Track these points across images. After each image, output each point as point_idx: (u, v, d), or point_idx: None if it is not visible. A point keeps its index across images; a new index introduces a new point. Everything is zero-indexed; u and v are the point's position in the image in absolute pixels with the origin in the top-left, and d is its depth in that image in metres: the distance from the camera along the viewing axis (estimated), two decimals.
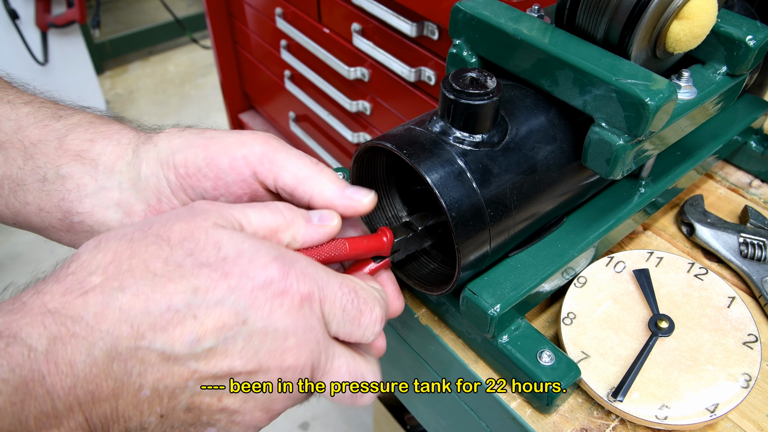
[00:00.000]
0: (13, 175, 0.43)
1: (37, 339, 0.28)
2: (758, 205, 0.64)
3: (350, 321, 0.37)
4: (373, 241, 0.42)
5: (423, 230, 0.45)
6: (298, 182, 0.41)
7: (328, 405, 1.79)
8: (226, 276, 0.32)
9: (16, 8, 2.07)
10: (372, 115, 1.24)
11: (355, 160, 0.46)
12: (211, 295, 0.32)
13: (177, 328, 0.31)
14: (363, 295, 0.38)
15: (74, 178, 0.42)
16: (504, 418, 0.47)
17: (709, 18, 0.45)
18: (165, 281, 0.31)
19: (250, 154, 0.41)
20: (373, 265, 0.43)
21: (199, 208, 0.36)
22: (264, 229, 0.37)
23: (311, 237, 0.39)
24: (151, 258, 0.32)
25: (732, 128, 0.62)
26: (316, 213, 0.40)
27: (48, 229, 0.44)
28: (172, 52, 3.27)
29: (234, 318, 0.32)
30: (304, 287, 0.34)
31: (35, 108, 0.45)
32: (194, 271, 0.32)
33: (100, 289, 0.30)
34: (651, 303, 0.49)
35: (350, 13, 1.12)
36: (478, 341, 0.49)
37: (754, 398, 0.47)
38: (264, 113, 1.75)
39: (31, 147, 0.43)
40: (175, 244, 0.33)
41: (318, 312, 0.35)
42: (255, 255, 0.34)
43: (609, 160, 0.43)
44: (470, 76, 0.42)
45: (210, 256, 0.33)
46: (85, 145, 0.43)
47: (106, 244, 0.33)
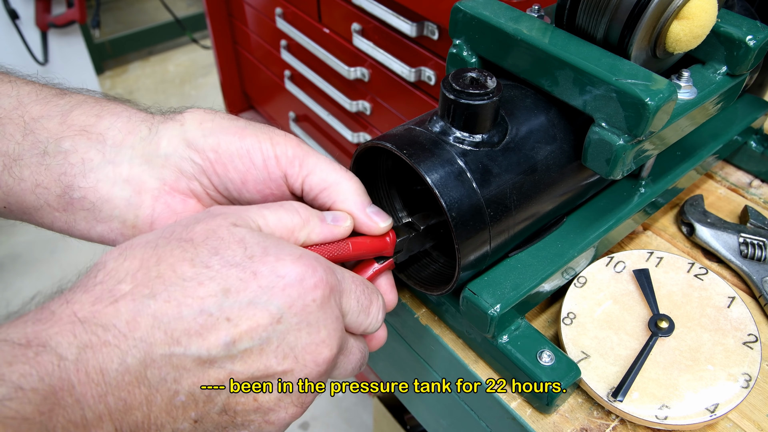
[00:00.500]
0: (10, 151, 0.40)
1: (67, 348, 0.28)
2: (758, 205, 0.64)
3: (363, 311, 0.38)
4: (376, 241, 0.42)
5: (425, 230, 0.45)
6: (325, 186, 0.41)
7: (328, 405, 1.79)
8: (255, 275, 0.32)
9: (16, 8, 2.07)
10: (372, 115, 1.23)
11: (355, 160, 0.46)
12: (243, 296, 0.32)
13: (211, 331, 0.31)
14: (369, 285, 0.40)
15: (79, 152, 0.40)
16: (504, 418, 0.47)
17: (709, 18, 0.45)
18: (195, 285, 0.31)
19: (283, 155, 0.41)
20: (377, 265, 0.43)
21: (216, 211, 0.36)
22: (281, 229, 0.37)
23: (325, 236, 0.39)
24: (178, 261, 0.32)
25: (732, 128, 0.62)
26: (329, 214, 0.40)
27: (42, 208, 0.41)
28: (172, 52, 3.27)
29: (268, 318, 0.32)
30: (331, 280, 0.35)
31: (37, 87, 0.43)
32: (223, 272, 0.32)
33: (130, 297, 0.30)
34: (651, 303, 0.49)
35: (350, 13, 1.12)
36: (478, 341, 0.49)
37: (754, 398, 0.47)
38: (264, 113, 1.75)
39: (32, 122, 0.41)
40: (199, 243, 0.33)
41: (339, 303, 0.36)
42: (281, 253, 0.34)
43: (609, 160, 0.43)
44: (470, 76, 0.42)
45: (237, 254, 0.33)
46: (92, 120, 0.41)
47: (131, 252, 0.33)
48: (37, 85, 0.43)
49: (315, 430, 1.74)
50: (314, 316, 0.34)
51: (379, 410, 1.31)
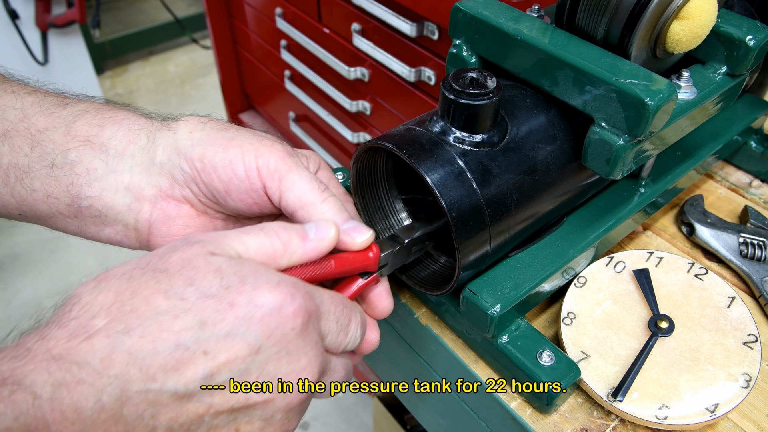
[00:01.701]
0: (20, 163, 0.42)
1: (42, 386, 0.28)
2: (758, 205, 0.64)
3: (342, 330, 0.38)
4: (359, 257, 0.41)
5: (410, 243, 0.44)
6: (300, 206, 0.42)
7: (328, 405, 1.79)
8: (232, 306, 0.32)
9: (16, 8, 2.07)
10: (372, 115, 1.23)
11: (355, 160, 0.46)
12: (220, 328, 0.31)
13: (188, 366, 0.30)
14: (348, 304, 0.39)
15: (83, 162, 0.42)
16: (504, 418, 0.47)
17: (709, 18, 0.45)
18: (170, 318, 0.31)
19: (264, 167, 0.42)
20: (361, 281, 0.42)
21: (194, 238, 0.35)
22: (261, 255, 0.37)
23: (309, 255, 0.39)
24: (153, 294, 0.32)
25: (732, 128, 0.62)
26: (312, 226, 0.40)
27: (55, 216, 0.43)
28: (172, 52, 3.27)
29: (247, 349, 0.32)
30: (309, 306, 0.35)
31: (40, 97, 0.44)
32: (199, 304, 0.32)
33: (104, 333, 0.30)
34: (651, 303, 0.49)
35: (350, 13, 1.12)
36: (478, 341, 0.49)
37: (754, 398, 0.47)
38: (264, 113, 1.75)
39: (38, 134, 0.42)
40: (174, 274, 0.32)
41: (318, 328, 0.36)
42: (258, 281, 0.33)
43: (609, 160, 0.43)
44: (470, 76, 0.42)
45: (213, 285, 0.32)
46: (94, 131, 0.43)
47: (106, 284, 0.32)
48: (39, 94, 0.45)
49: (315, 430, 1.74)
50: (294, 345, 0.33)
51: (379, 410, 1.31)
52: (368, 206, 0.50)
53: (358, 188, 0.49)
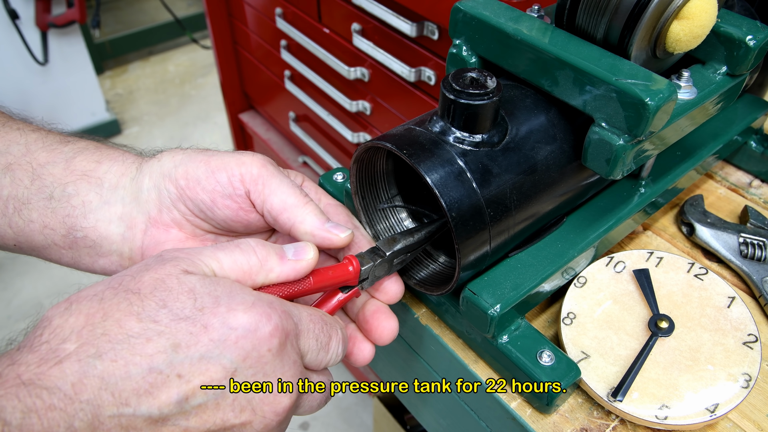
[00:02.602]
0: (19, 195, 0.44)
1: (11, 412, 0.27)
2: (758, 205, 0.64)
3: (323, 348, 0.38)
4: (338, 271, 0.41)
5: (391, 255, 0.44)
6: (283, 208, 0.42)
7: (328, 405, 1.79)
8: (206, 328, 0.32)
9: (16, 8, 2.07)
10: (372, 115, 1.23)
11: (355, 160, 0.46)
12: (194, 351, 0.31)
13: (162, 390, 0.30)
14: (328, 320, 0.39)
15: (80, 195, 0.44)
16: (504, 418, 0.47)
17: (709, 18, 0.45)
18: (143, 341, 0.30)
19: (247, 173, 0.43)
20: (342, 295, 0.42)
21: (168, 255, 0.35)
22: (237, 272, 0.37)
23: (286, 274, 0.38)
24: (125, 317, 0.31)
25: (732, 128, 0.62)
26: (290, 247, 0.40)
27: (50, 247, 0.44)
28: (172, 52, 3.27)
29: (222, 372, 0.31)
30: (286, 326, 0.34)
31: (43, 135, 0.46)
32: (172, 326, 0.31)
33: (75, 357, 0.29)
34: (651, 303, 0.49)
35: (350, 13, 1.12)
36: (478, 341, 0.49)
37: (754, 398, 0.47)
38: (264, 113, 1.75)
39: (39, 168, 0.44)
40: (147, 295, 0.32)
41: (296, 347, 0.36)
42: (232, 302, 0.33)
43: (609, 160, 0.43)
44: (470, 76, 0.42)
45: (186, 306, 0.32)
46: (92, 166, 0.45)
47: (77, 306, 0.32)
48: (43, 131, 0.47)
49: (315, 430, 1.74)
50: (270, 366, 0.33)
51: (379, 410, 1.31)
52: (368, 206, 0.50)
53: (358, 188, 0.49)
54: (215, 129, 2.78)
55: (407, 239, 0.45)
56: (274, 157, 1.70)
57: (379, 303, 0.45)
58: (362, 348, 0.45)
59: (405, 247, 0.45)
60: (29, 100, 2.34)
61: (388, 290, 0.45)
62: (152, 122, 2.82)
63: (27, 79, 2.28)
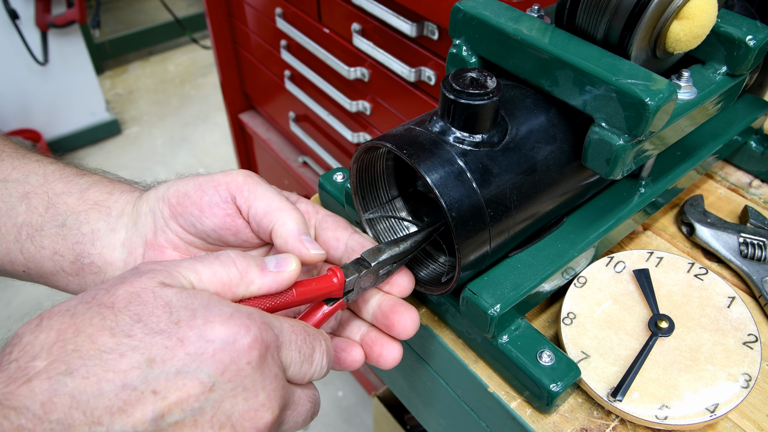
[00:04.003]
0: (33, 222, 0.45)
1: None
2: (758, 205, 0.64)
3: (306, 360, 0.37)
4: (322, 283, 0.40)
5: (376, 266, 0.43)
6: (266, 212, 0.43)
7: (328, 405, 1.79)
8: (182, 342, 0.31)
9: (16, 8, 2.07)
10: (372, 115, 1.23)
11: (355, 160, 0.46)
12: (170, 365, 0.30)
13: (136, 407, 0.29)
14: (311, 331, 0.38)
15: (90, 223, 0.45)
16: (504, 418, 0.47)
17: (709, 18, 0.45)
18: (116, 357, 0.29)
19: (232, 182, 0.44)
20: (327, 308, 0.41)
21: (145, 267, 0.34)
22: (216, 284, 0.36)
23: (268, 286, 0.38)
24: (97, 332, 0.30)
25: (732, 128, 0.62)
26: (272, 259, 0.39)
27: (58, 273, 0.45)
28: (172, 52, 3.27)
29: (199, 387, 0.30)
30: (266, 337, 0.33)
31: (61, 167, 0.48)
32: (146, 341, 0.30)
33: (45, 375, 0.28)
34: (651, 303, 0.49)
35: (350, 13, 1.12)
36: (478, 341, 0.49)
37: (754, 398, 0.47)
38: (264, 113, 1.75)
39: (54, 197, 0.45)
40: (121, 309, 0.31)
41: (278, 360, 0.35)
42: (209, 314, 0.32)
43: (609, 160, 0.43)
44: (470, 76, 0.42)
45: (161, 320, 0.31)
46: (104, 197, 0.46)
47: (48, 322, 0.31)
48: (60, 164, 0.49)
49: (315, 430, 1.74)
50: (250, 380, 0.32)
51: (379, 410, 1.31)
52: (368, 206, 0.50)
53: (358, 188, 0.49)
54: (215, 129, 2.78)
55: (392, 249, 0.44)
56: (274, 156, 1.70)
57: (394, 297, 0.45)
58: (390, 349, 0.44)
59: (391, 257, 0.44)
60: (29, 100, 2.34)
61: (398, 283, 0.45)
62: (152, 122, 2.82)
63: (27, 79, 2.28)
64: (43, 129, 2.44)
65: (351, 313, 0.47)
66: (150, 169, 2.57)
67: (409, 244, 0.45)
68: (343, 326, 0.47)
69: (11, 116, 2.33)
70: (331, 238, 0.47)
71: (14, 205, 0.45)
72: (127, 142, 2.71)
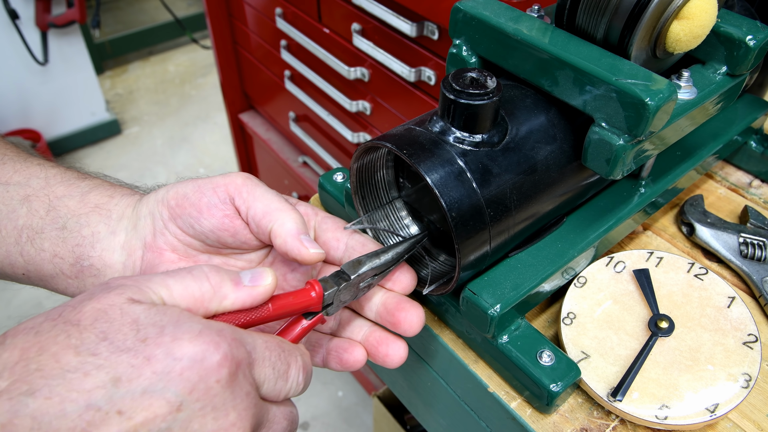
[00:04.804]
0: (34, 225, 0.45)
1: None
2: (758, 205, 0.64)
3: (281, 377, 0.36)
4: (300, 297, 0.39)
5: (357, 278, 0.42)
6: (265, 212, 0.43)
7: (328, 405, 1.79)
8: (149, 360, 0.30)
9: (16, 8, 2.07)
10: (372, 115, 1.23)
11: (355, 160, 0.46)
12: (136, 384, 0.29)
13: (101, 428, 0.28)
14: (287, 347, 0.37)
15: (90, 225, 0.45)
16: (504, 418, 0.47)
17: (709, 18, 0.45)
18: (80, 376, 0.28)
19: (231, 183, 0.44)
20: (306, 322, 0.40)
21: (114, 283, 0.33)
22: (187, 299, 0.35)
23: (242, 301, 0.37)
24: (62, 350, 0.29)
25: (732, 128, 0.62)
26: (247, 273, 0.38)
27: (58, 276, 0.45)
28: (172, 52, 3.27)
29: (166, 406, 0.29)
30: (237, 354, 0.32)
31: (62, 171, 0.48)
32: (112, 359, 0.29)
33: (6, 396, 0.27)
34: (651, 303, 0.49)
35: (350, 13, 1.12)
36: (478, 341, 0.49)
37: (754, 398, 0.47)
38: (264, 113, 1.75)
39: (55, 200, 0.46)
40: (87, 327, 0.30)
41: (250, 377, 0.34)
42: (178, 331, 0.31)
43: (609, 160, 0.43)
44: (470, 76, 0.42)
45: (128, 338, 0.30)
46: (105, 200, 0.46)
47: (12, 341, 0.30)
48: (62, 168, 0.49)
49: (315, 430, 1.74)
50: (220, 398, 0.31)
51: (379, 410, 1.31)
52: (368, 206, 0.50)
53: (358, 188, 0.49)
54: (215, 129, 2.78)
55: (373, 261, 0.43)
56: (274, 156, 1.70)
57: (398, 294, 0.45)
58: (396, 348, 0.44)
59: (371, 270, 0.43)
60: (29, 100, 2.34)
61: (401, 280, 0.45)
62: (152, 122, 2.82)
63: (27, 79, 2.28)
64: (43, 129, 2.44)
65: (352, 312, 0.47)
66: (150, 169, 2.57)
67: (391, 256, 0.44)
68: (344, 326, 0.47)
69: (11, 116, 2.33)
70: (331, 239, 0.47)
71: (15, 207, 0.46)
72: (127, 142, 2.71)
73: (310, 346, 0.45)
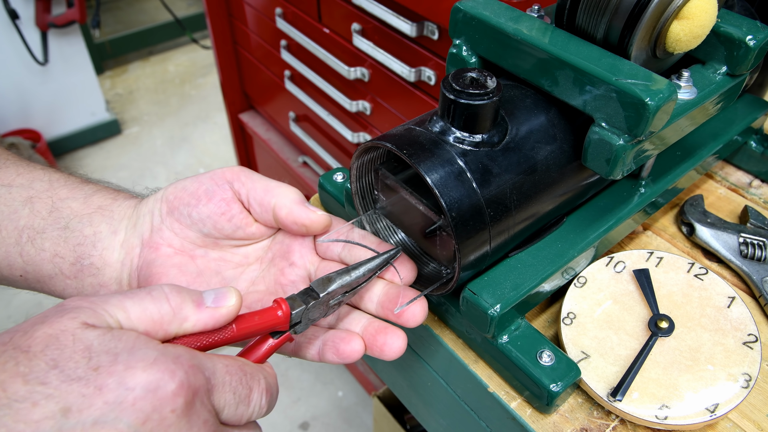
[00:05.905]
0: (35, 225, 0.46)
1: None
2: (758, 205, 0.64)
3: (242, 402, 0.35)
4: (265, 316, 0.38)
5: (326, 296, 0.41)
6: (266, 191, 0.45)
7: (328, 405, 1.79)
8: (100, 390, 0.29)
9: (16, 8, 2.07)
10: (372, 115, 1.23)
11: (355, 160, 0.46)
12: (86, 415, 0.28)
13: None
14: (249, 370, 0.36)
15: (93, 225, 0.46)
16: (504, 418, 0.47)
17: (709, 18, 0.45)
18: (29, 406, 0.27)
19: (228, 171, 0.46)
20: (272, 341, 0.39)
21: (69, 305, 0.32)
22: (146, 322, 0.34)
23: (204, 323, 0.35)
24: (10, 378, 0.28)
25: (732, 128, 0.62)
26: (210, 293, 0.37)
27: (57, 276, 0.46)
28: (172, 52, 3.27)
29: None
30: (195, 382, 0.31)
31: (66, 175, 0.49)
32: (62, 389, 0.28)
33: None
34: (651, 303, 0.49)
35: (350, 13, 1.12)
36: (478, 341, 0.49)
37: (754, 398, 0.47)
38: (264, 113, 1.75)
39: (59, 202, 0.46)
40: (37, 354, 0.29)
41: (208, 404, 0.33)
42: (132, 359, 0.30)
43: (609, 160, 0.43)
44: (470, 76, 0.42)
45: (79, 366, 0.29)
46: (108, 202, 0.48)
47: None
48: (65, 173, 0.50)
49: (315, 430, 1.74)
50: (175, 428, 0.30)
51: (379, 410, 1.31)
52: (368, 206, 0.50)
53: (358, 188, 0.49)
54: (215, 129, 2.78)
55: (343, 278, 0.42)
56: (274, 156, 1.70)
57: (399, 285, 0.45)
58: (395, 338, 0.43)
59: (341, 287, 0.42)
60: (29, 100, 2.34)
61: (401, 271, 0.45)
62: (152, 122, 2.82)
63: (27, 79, 2.28)
64: (43, 129, 2.44)
65: (350, 306, 0.47)
66: (150, 169, 2.57)
67: (362, 272, 0.43)
68: (341, 319, 0.46)
69: (11, 116, 2.33)
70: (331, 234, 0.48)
71: (17, 208, 0.46)
72: (127, 142, 2.71)
73: (305, 339, 0.44)
